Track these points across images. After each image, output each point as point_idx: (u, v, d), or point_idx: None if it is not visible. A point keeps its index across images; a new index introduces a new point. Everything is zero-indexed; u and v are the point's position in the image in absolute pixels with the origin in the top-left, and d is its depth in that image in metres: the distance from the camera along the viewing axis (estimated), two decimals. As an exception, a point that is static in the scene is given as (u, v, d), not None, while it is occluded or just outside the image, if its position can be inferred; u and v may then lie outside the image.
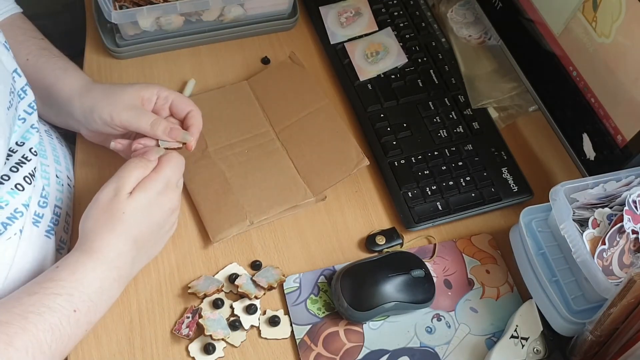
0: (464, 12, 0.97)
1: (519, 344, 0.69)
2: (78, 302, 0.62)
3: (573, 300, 0.68)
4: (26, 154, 0.70)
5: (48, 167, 0.75)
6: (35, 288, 0.62)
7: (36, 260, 0.69)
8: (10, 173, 0.68)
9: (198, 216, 0.78)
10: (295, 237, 0.78)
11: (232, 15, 0.92)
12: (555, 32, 0.78)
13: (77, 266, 0.64)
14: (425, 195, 0.80)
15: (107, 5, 0.83)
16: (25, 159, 0.70)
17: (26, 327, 0.58)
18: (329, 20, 0.96)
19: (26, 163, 0.69)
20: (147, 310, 0.71)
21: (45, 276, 0.63)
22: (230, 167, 0.81)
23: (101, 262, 0.64)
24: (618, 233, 0.66)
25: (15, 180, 0.68)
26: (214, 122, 0.85)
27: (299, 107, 0.86)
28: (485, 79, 0.91)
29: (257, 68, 0.93)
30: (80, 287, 0.63)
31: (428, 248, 0.78)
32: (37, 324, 0.59)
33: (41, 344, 0.59)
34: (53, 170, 0.76)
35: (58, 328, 0.60)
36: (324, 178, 0.80)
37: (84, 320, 0.63)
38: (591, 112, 0.74)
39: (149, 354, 0.69)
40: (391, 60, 0.92)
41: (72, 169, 0.82)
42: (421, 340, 0.71)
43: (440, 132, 0.85)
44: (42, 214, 0.70)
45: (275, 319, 0.71)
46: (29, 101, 0.72)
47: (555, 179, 0.84)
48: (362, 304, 0.70)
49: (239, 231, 0.76)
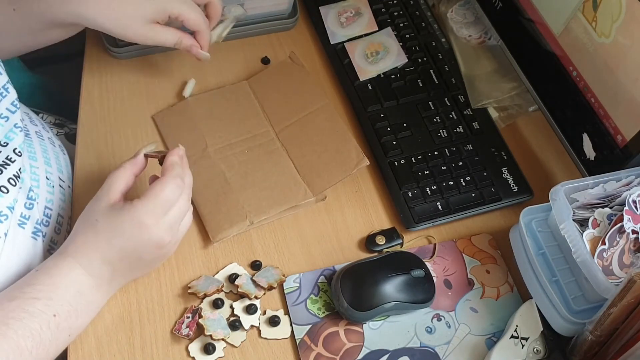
0: (464, 12, 0.97)
1: (519, 344, 0.69)
2: (57, 307, 0.62)
3: (573, 300, 0.68)
4: (10, 154, 0.68)
5: (37, 168, 0.74)
6: (16, 293, 0.61)
7: (23, 262, 0.68)
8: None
9: (198, 216, 0.78)
10: (295, 237, 0.78)
11: (232, 15, 0.92)
12: (555, 32, 0.78)
13: (54, 270, 0.63)
14: (425, 195, 0.80)
15: (107, 5, 0.82)
16: (9, 160, 0.68)
17: (6, 333, 0.58)
18: (329, 20, 0.96)
19: (10, 165, 0.68)
20: (147, 310, 0.71)
21: (25, 281, 0.63)
22: (230, 167, 0.81)
23: (74, 266, 0.64)
24: (618, 233, 0.66)
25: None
26: (214, 121, 0.85)
27: (299, 107, 0.86)
28: (485, 79, 0.91)
29: (257, 68, 0.93)
30: (57, 290, 0.62)
31: (428, 248, 0.78)
32: (17, 330, 0.58)
33: (22, 350, 0.58)
34: (43, 172, 0.75)
35: (38, 333, 0.60)
36: (324, 178, 0.80)
37: (64, 325, 0.62)
38: (591, 112, 0.74)
39: (149, 354, 0.69)
40: (391, 60, 0.92)
41: (70, 170, 0.81)
42: (421, 340, 0.71)
43: (440, 132, 0.85)
44: (29, 215, 0.69)
45: (275, 319, 0.71)
46: (11, 99, 0.70)
47: (555, 179, 0.84)
48: (362, 304, 0.70)
49: (239, 231, 0.76)
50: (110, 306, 0.71)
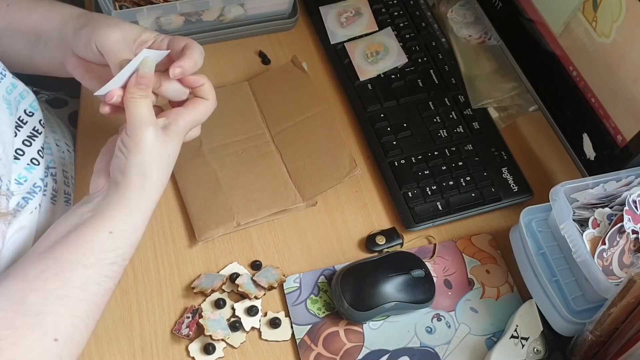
0: (464, 12, 0.97)
1: (519, 344, 0.69)
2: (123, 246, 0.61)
3: (573, 300, 0.68)
4: (36, 125, 0.68)
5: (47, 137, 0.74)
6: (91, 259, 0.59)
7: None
8: (24, 147, 0.67)
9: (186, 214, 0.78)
10: (295, 237, 0.78)
11: (232, 15, 0.92)
12: (556, 32, 0.78)
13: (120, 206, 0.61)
14: (425, 195, 0.80)
15: (107, 5, 0.83)
16: (37, 132, 0.68)
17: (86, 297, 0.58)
18: (329, 20, 0.96)
19: (38, 136, 0.68)
20: (147, 310, 0.71)
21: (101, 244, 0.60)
22: (222, 167, 0.81)
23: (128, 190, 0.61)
24: (618, 233, 0.66)
25: (30, 155, 0.67)
26: (210, 121, 0.84)
27: (297, 111, 0.86)
28: (485, 79, 0.91)
29: (257, 68, 0.93)
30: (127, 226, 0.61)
31: (428, 248, 0.78)
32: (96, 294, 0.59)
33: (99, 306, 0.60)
34: (52, 140, 0.76)
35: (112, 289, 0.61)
36: (315, 184, 0.79)
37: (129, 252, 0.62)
38: (591, 112, 0.74)
39: (149, 354, 0.69)
40: (391, 60, 0.92)
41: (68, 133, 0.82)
42: (421, 340, 0.71)
43: (440, 132, 0.85)
44: (56, 187, 0.70)
45: (276, 320, 0.71)
46: None
47: (555, 179, 0.84)
48: (362, 304, 0.70)
49: (225, 232, 0.76)
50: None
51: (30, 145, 0.67)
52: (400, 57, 0.92)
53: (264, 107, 0.87)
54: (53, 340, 0.55)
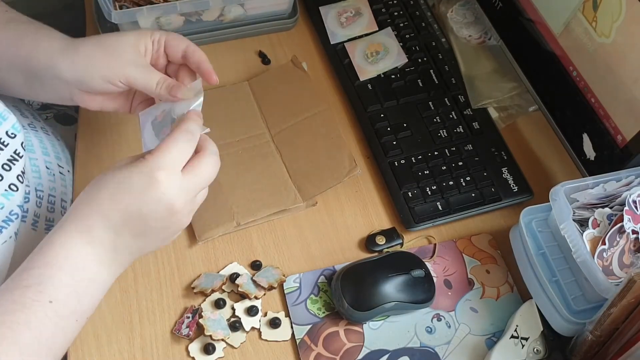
0: (464, 12, 0.97)
1: (519, 344, 0.69)
2: (51, 291, 0.55)
3: (573, 300, 0.68)
4: (18, 149, 0.64)
5: (37, 160, 0.72)
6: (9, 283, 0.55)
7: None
8: (3, 172, 0.63)
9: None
10: (295, 237, 0.78)
11: (232, 15, 0.92)
12: (556, 32, 0.78)
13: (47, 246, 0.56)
14: (425, 195, 0.80)
15: (107, 5, 0.82)
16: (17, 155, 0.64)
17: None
18: (329, 20, 0.96)
19: (18, 160, 0.65)
20: (147, 310, 0.71)
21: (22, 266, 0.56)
22: (222, 167, 0.80)
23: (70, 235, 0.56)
24: (618, 233, 0.66)
25: (9, 180, 0.64)
26: (211, 120, 0.84)
27: (297, 111, 0.86)
28: (485, 79, 0.91)
29: (257, 68, 0.93)
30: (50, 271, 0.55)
31: (428, 248, 0.78)
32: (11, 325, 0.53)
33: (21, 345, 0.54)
34: (42, 162, 0.73)
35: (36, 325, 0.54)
36: (315, 184, 0.79)
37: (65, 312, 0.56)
38: (591, 112, 0.74)
39: (149, 354, 0.69)
40: (391, 60, 0.92)
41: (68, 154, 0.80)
42: (421, 340, 0.71)
43: (440, 132, 0.85)
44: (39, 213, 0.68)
45: (277, 320, 0.71)
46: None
47: (555, 179, 0.84)
48: (362, 304, 0.70)
49: (225, 232, 0.76)
50: (110, 306, 0.71)
51: (9, 170, 0.64)
52: (400, 57, 0.92)
53: (264, 107, 0.87)
54: None
